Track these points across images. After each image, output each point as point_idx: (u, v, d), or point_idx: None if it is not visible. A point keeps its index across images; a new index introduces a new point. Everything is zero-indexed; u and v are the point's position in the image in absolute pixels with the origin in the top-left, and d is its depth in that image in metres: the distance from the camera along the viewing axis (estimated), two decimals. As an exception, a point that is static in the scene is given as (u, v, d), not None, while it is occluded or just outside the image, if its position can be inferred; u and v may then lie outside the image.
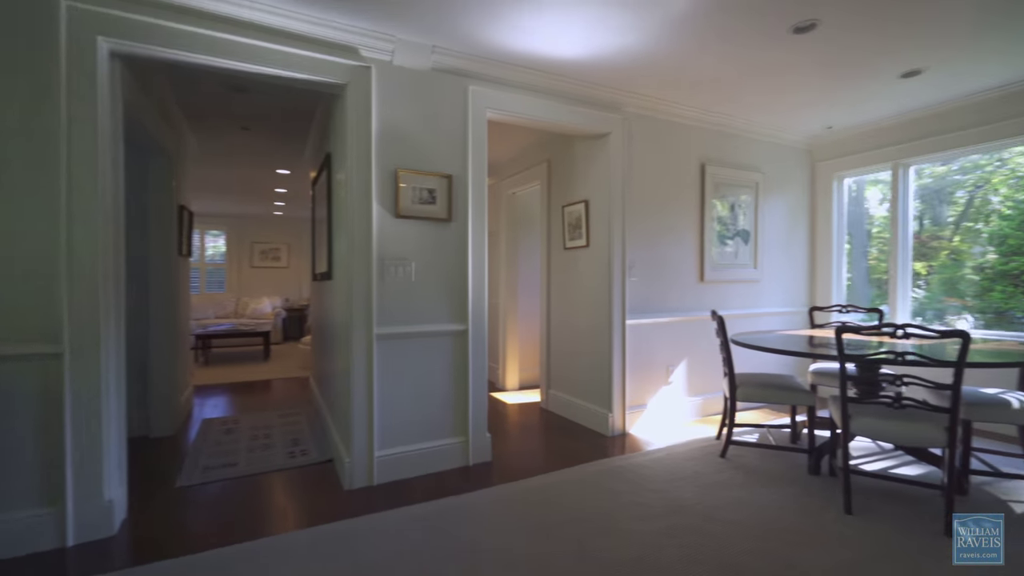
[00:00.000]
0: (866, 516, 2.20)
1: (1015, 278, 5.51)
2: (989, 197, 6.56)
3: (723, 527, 2.13)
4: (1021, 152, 4.28)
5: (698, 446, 3.16)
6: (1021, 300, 5.24)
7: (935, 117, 3.76)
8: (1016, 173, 6.25)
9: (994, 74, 3.17)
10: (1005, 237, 5.78)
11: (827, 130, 4.30)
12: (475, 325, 2.88)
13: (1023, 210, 5.64)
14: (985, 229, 5.95)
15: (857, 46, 2.75)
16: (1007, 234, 5.79)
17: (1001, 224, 6.03)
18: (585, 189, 3.66)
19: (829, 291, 4.53)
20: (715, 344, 3.89)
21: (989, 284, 5.85)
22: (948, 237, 6.57)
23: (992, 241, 6.06)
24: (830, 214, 4.53)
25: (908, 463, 2.85)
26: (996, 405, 2.41)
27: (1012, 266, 5.50)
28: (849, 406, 2.27)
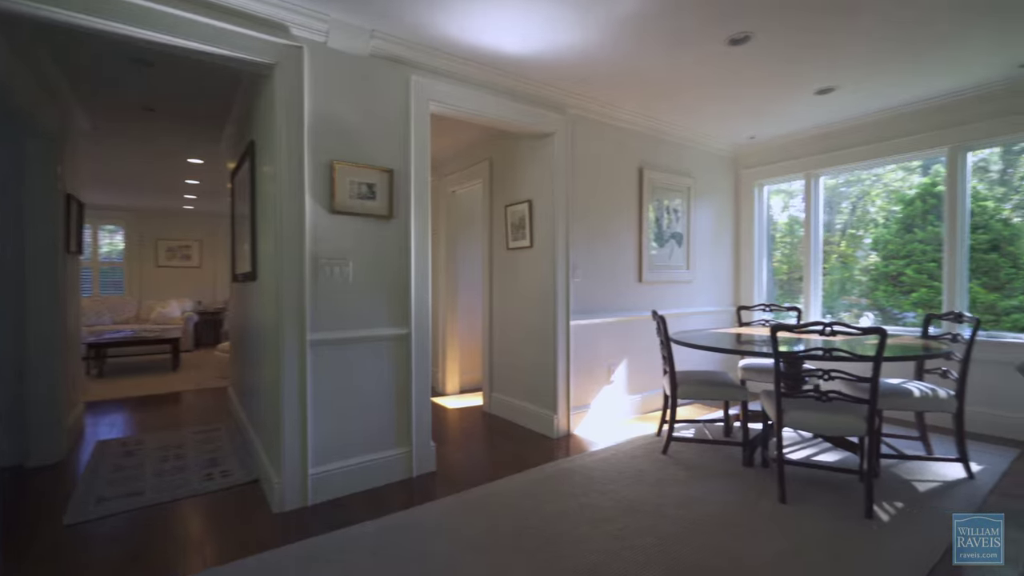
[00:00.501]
0: (798, 504, 2.33)
1: (894, 279, 6.26)
2: (868, 208, 7.42)
3: (673, 525, 2.16)
4: (894, 168, 4.84)
5: (641, 444, 3.23)
6: (900, 299, 5.95)
7: (844, 132, 4.12)
8: (888, 188, 7.10)
9: (893, 96, 3.52)
10: (886, 243, 6.54)
11: (750, 140, 4.59)
12: (418, 329, 2.74)
13: (897, 218, 6.40)
14: (872, 232, 6.69)
15: (783, 60, 2.93)
16: (887, 239, 6.54)
17: (880, 231, 6.82)
18: (529, 189, 3.62)
19: (751, 291, 4.85)
20: (653, 343, 4.01)
21: (874, 284, 6.60)
22: (837, 242, 7.35)
23: (875, 246, 6.83)
24: (752, 219, 4.84)
25: (826, 450, 3.08)
26: (901, 394, 2.66)
27: (891, 268, 6.22)
28: (784, 401, 2.39)
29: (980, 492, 2.46)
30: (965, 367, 2.62)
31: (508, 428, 3.62)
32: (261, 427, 2.81)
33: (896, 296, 6.11)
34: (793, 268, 7.51)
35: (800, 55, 2.85)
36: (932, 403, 2.65)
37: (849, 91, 3.39)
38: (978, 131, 3.43)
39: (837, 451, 3.04)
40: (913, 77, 3.20)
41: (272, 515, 2.29)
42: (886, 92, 3.45)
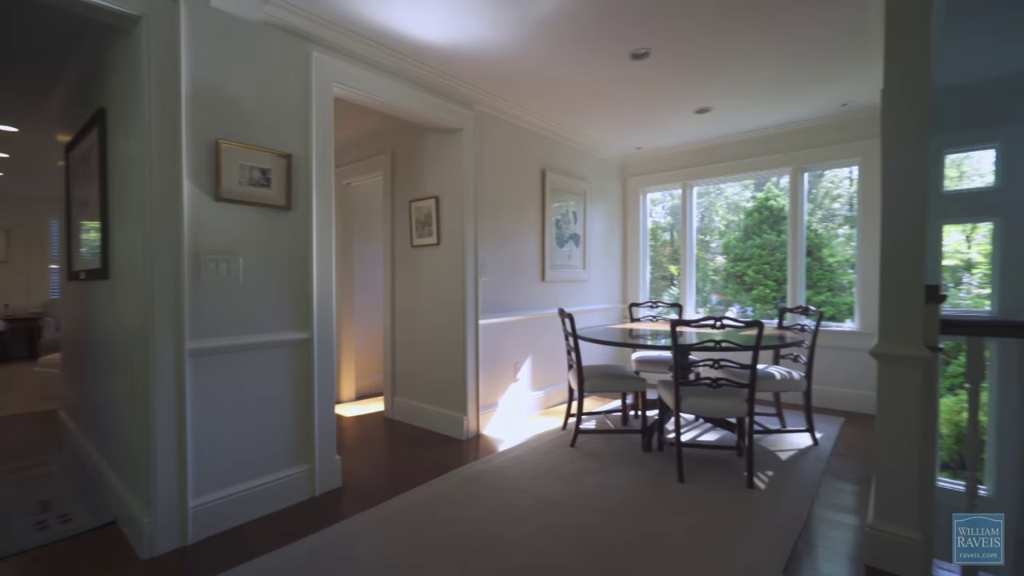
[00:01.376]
0: (694, 482, 2.58)
1: (739, 278, 7.33)
2: (713, 217, 8.64)
3: (592, 514, 2.24)
4: (735, 184, 5.64)
5: (550, 439, 3.31)
6: (743, 295, 6.98)
7: (715, 148, 4.66)
8: (728, 200, 8.30)
9: (754, 120, 4.07)
10: (733, 247, 7.62)
11: (637, 150, 4.99)
12: (321, 332, 2.48)
13: (740, 226, 7.49)
14: (719, 238, 7.76)
15: (674, 78, 3.21)
16: (734, 244, 7.62)
17: (728, 237, 7.94)
18: (436, 185, 3.50)
19: (638, 289, 5.27)
20: (556, 340, 4.15)
21: (724, 283, 7.66)
22: None
23: (724, 250, 7.92)
24: (638, 223, 5.26)
25: (708, 430, 3.46)
26: (766, 378, 3.09)
27: (737, 269, 7.26)
28: (682, 389, 2.62)
29: (824, 455, 2.95)
30: (812, 352, 3.12)
31: (415, 433, 3.47)
32: (118, 456, 2.32)
33: (741, 293, 7.16)
34: (656, 268, 8.39)
35: (688, 75, 3.16)
36: (789, 384, 3.11)
37: (722, 113, 3.84)
38: (813, 155, 4.13)
39: (716, 431, 3.43)
40: (770, 107, 3.74)
41: (141, 563, 1.90)
42: (750, 117, 3.98)
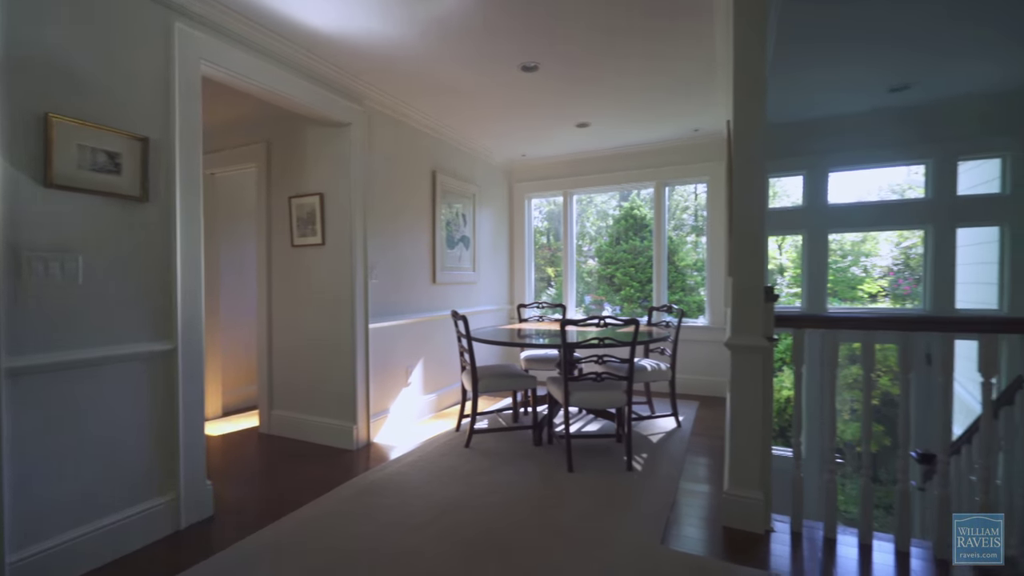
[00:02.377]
0: (582, 471, 2.78)
1: (609, 280, 8.09)
2: (585, 223, 9.45)
3: (490, 512, 2.29)
4: (604, 193, 6.24)
5: (444, 441, 3.31)
6: (614, 296, 7.70)
7: (592, 160, 5.04)
8: (598, 208, 9.12)
9: (626, 137, 4.51)
10: (604, 250, 8.37)
11: (522, 157, 5.20)
12: (188, 342, 2.18)
13: (610, 232, 8.26)
14: (597, 243, 8.47)
15: (559, 93, 3.43)
16: (604, 248, 8.37)
17: (600, 242, 8.70)
18: (321, 181, 3.28)
19: (524, 291, 5.49)
20: (447, 342, 4.15)
21: (597, 284, 8.38)
22: (563, 250, 9.14)
23: (597, 253, 8.66)
24: (523, 227, 5.49)
25: (590, 421, 3.74)
26: (640, 370, 3.45)
27: (608, 271, 7.99)
28: (571, 384, 2.81)
29: (686, 435, 3.39)
30: (675, 345, 3.56)
31: (299, 448, 3.21)
32: None
33: (611, 293, 7.89)
34: (536, 269, 8.85)
35: (572, 92, 3.39)
36: (658, 375, 3.51)
37: (599, 128, 4.19)
38: (673, 172, 4.70)
39: (598, 421, 3.73)
40: (639, 127, 4.17)
41: (-67, 642, 1.49)
42: (623, 134, 4.40)
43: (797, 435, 2.14)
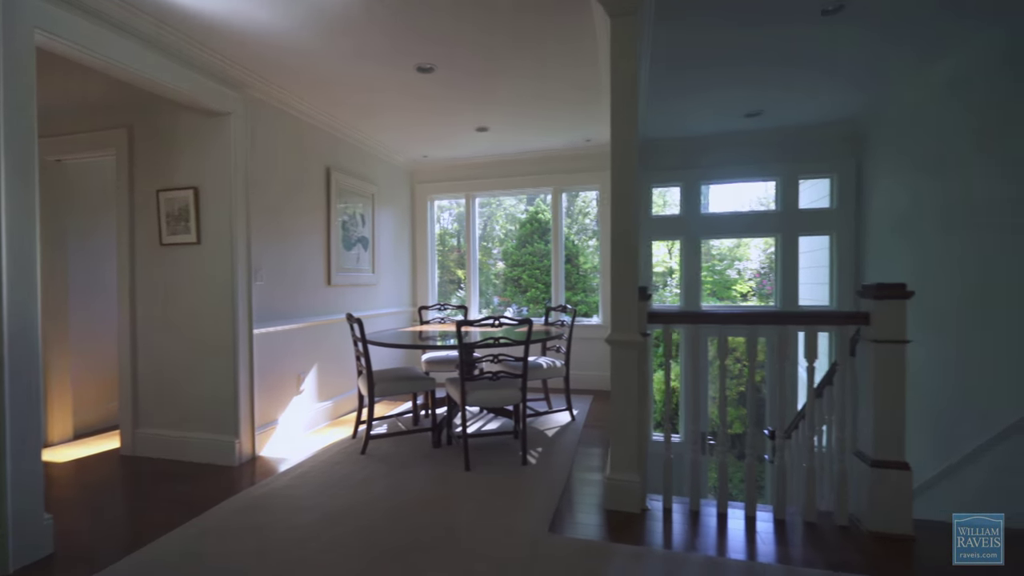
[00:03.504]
0: (479, 468, 2.83)
1: (516, 282, 8.32)
2: (494, 226, 9.67)
3: (386, 518, 2.26)
4: (512, 197, 6.45)
5: (339, 449, 3.18)
6: (521, 297, 7.95)
7: (494, 164, 5.15)
8: (507, 211, 9.37)
9: (525, 144, 4.66)
10: (511, 253, 8.59)
11: (424, 158, 5.16)
12: (17, 358, 1.88)
13: (517, 235, 8.52)
14: (494, 248, 8.68)
15: (457, 97, 3.46)
16: (511, 251, 8.60)
17: (507, 244, 8.92)
18: (195, 174, 3.00)
19: (427, 292, 5.45)
20: (343, 346, 4.00)
21: (504, 286, 8.58)
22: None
23: (504, 256, 8.86)
24: (426, 228, 5.45)
25: (490, 419, 3.82)
26: (536, 368, 3.59)
27: (514, 273, 8.22)
28: (467, 384, 2.85)
29: (579, 428, 3.59)
30: (569, 343, 3.76)
31: (169, 468, 2.89)
32: None
33: (518, 294, 8.12)
34: (445, 272, 8.86)
35: (471, 96, 3.45)
36: (554, 372, 3.68)
37: (499, 133, 4.30)
38: (568, 179, 4.96)
39: (497, 419, 3.82)
40: (537, 134, 4.35)
41: None
42: (521, 140, 4.55)
43: (669, 422, 2.38)
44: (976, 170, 2.83)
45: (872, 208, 3.97)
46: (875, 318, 2.02)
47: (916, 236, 3.37)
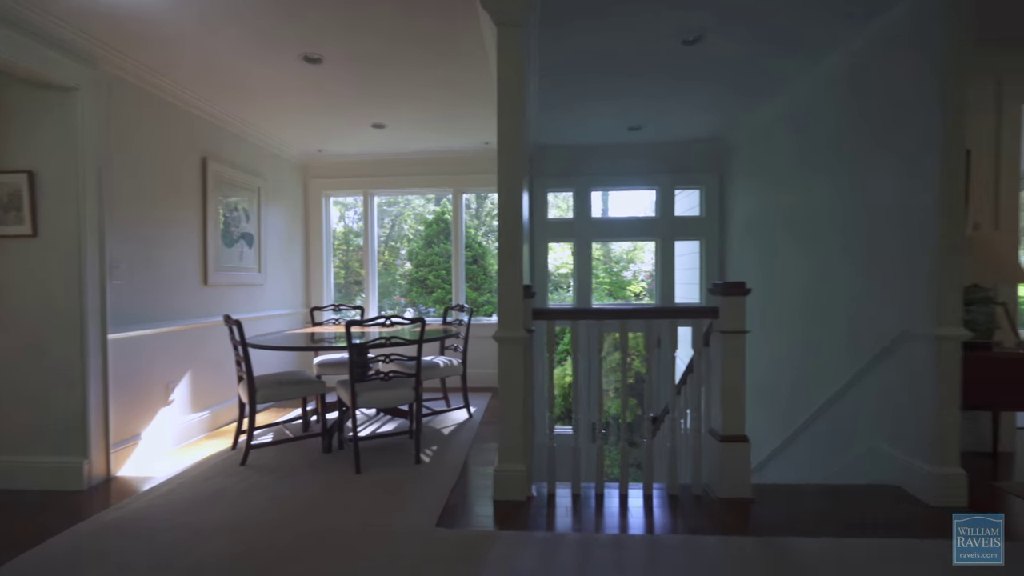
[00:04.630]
0: (371, 470, 2.79)
1: (422, 282, 8.25)
2: (402, 225, 9.52)
3: (266, 529, 2.14)
4: (419, 196, 6.42)
5: (215, 462, 2.94)
6: (426, 297, 7.89)
7: (393, 162, 5.05)
8: (416, 211, 9.29)
9: (425, 143, 4.64)
10: (417, 253, 8.50)
11: (318, 153, 4.93)
12: None
13: (423, 236, 8.46)
14: (402, 248, 8.55)
15: (350, 92, 3.37)
16: (417, 251, 8.51)
17: (412, 245, 8.82)
18: (29, 155, 2.60)
19: (321, 293, 5.20)
20: (223, 351, 3.70)
21: (409, 286, 8.46)
22: (381, 252, 9.04)
23: (410, 256, 8.75)
24: (321, 225, 5.20)
25: (387, 421, 3.76)
26: (432, 367, 3.61)
27: (420, 274, 8.15)
28: (357, 386, 2.79)
29: (475, 425, 3.67)
30: (466, 342, 3.82)
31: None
32: None
33: (424, 295, 8.04)
34: (350, 273, 8.52)
35: (364, 91, 3.37)
36: (451, 370, 3.72)
37: (396, 131, 4.24)
38: (468, 181, 5.03)
39: (395, 420, 3.77)
40: (435, 135, 4.36)
41: None
42: (420, 139, 4.52)
43: (551, 410, 2.52)
44: (805, 184, 3.36)
45: (732, 216, 4.53)
46: (722, 312, 2.33)
47: (765, 241, 3.91)
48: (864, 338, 2.67)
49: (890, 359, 2.51)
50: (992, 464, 2.81)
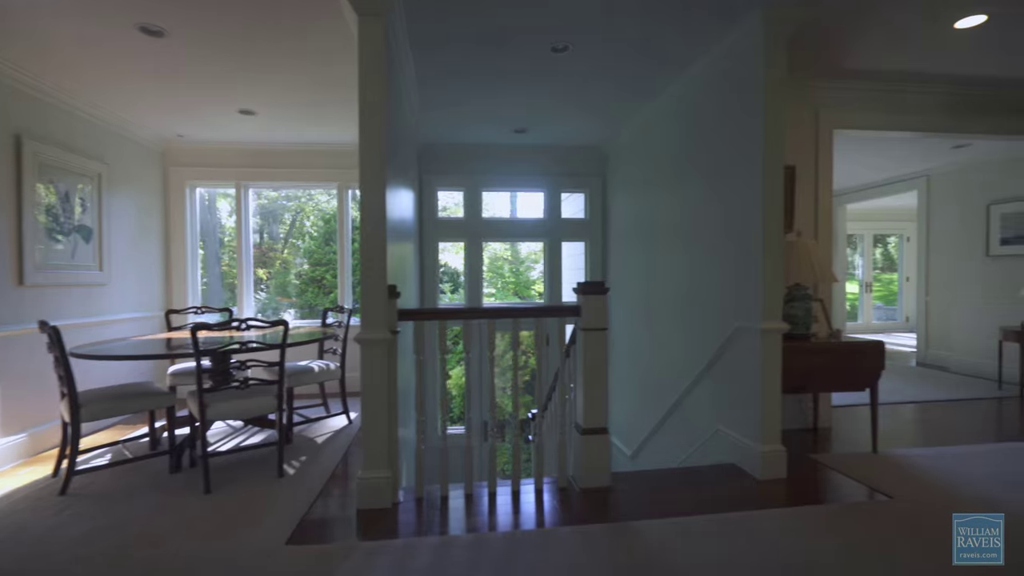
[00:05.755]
0: (223, 488, 2.54)
1: (319, 282, 7.78)
2: (304, 222, 8.92)
3: (79, 568, 1.85)
4: (322, 191, 6.07)
5: (25, 494, 2.50)
6: (324, 299, 7.46)
7: (271, 153, 4.68)
8: (319, 207, 8.77)
9: (303, 134, 4.36)
10: (313, 252, 8.01)
11: (179, 138, 4.43)
12: None
13: (322, 233, 8.00)
14: (302, 245, 8.01)
15: (207, 72, 3.05)
16: (314, 250, 8.03)
17: (311, 242, 8.30)
18: None
19: (185, 294, 4.68)
20: (45, 363, 3.17)
21: (306, 287, 7.94)
22: (280, 249, 8.39)
23: (306, 255, 8.22)
24: (184, 219, 4.68)
25: (256, 433, 3.47)
26: (306, 372, 3.40)
27: (317, 273, 7.71)
28: (205, 396, 2.53)
29: (354, 431, 3.50)
30: (345, 345, 3.65)
31: None
32: None
33: (320, 296, 7.58)
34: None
35: (221, 73, 3.07)
36: (327, 375, 3.53)
37: (268, 119, 3.93)
38: (354, 176, 4.79)
39: (264, 431, 3.49)
40: (313, 125, 4.10)
41: None
42: (298, 130, 4.23)
43: (420, 412, 2.47)
44: (670, 191, 3.64)
45: (612, 219, 4.80)
46: (584, 310, 2.44)
47: (639, 243, 4.19)
48: (714, 332, 2.95)
49: (729, 351, 2.80)
50: (813, 439, 3.25)
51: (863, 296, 9.08)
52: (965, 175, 5.23)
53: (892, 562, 1.82)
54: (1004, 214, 4.84)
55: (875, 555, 1.86)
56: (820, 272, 2.95)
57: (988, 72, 3.21)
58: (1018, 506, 2.19)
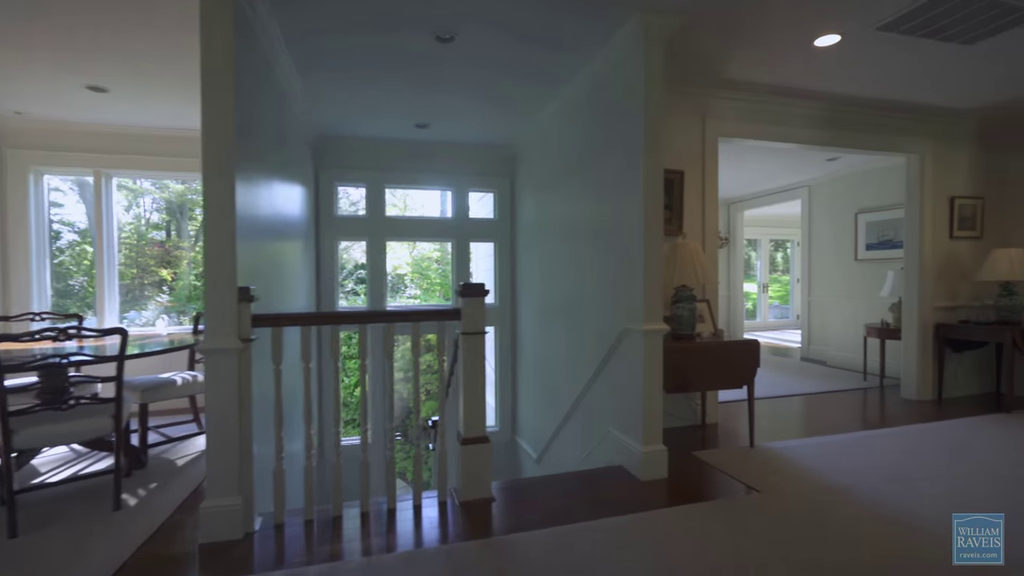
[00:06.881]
0: (36, 531, 2.13)
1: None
2: None
3: None
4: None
5: None
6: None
7: (137, 138, 4.13)
8: None
9: (181, 117, 3.87)
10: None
11: (16, 115, 3.79)
12: None
13: None
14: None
15: (22, 37, 2.60)
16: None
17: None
18: None
19: (29, 297, 4.02)
20: None
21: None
22: (190, 248, 7.54)
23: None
24: (27, 210, 4.02)
25: (105, 458, 3.00)
26: (166, 385, 2.99)
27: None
28: (11, 421, 2.12)
29: (227, 449, 3.14)
30: (218, 353, 3.27)
31: None
32: None
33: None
34: (145, 273, 6.91)
35: (52, 42, 2.63)
36: (194, 387, 3.14)
37: (124, 99, 3.45)
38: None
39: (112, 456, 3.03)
40: (183, 106, 3.65)
41: None
42: (161, 113, 3.76)
43: (279, 427, 2.22)
44: (568, 192, 3.63)
45: (519, 221, 4.75)
46: (464, 314, 2.31)
47: (542, 243, 4.16)
48: (606, 334, 2.94)
49: (618, 352, 2.80)
50: (701, 436, 3.36)
51: (760, 296, 9.80)
52: (837, 186, 5.74)
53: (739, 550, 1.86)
54: (869, 222, 5.36)
55: (731, 551, 1.89)
56: (704, 274, 3.03)
57: (852, 91, 3.48)
58: (865, 489, 2.35)
